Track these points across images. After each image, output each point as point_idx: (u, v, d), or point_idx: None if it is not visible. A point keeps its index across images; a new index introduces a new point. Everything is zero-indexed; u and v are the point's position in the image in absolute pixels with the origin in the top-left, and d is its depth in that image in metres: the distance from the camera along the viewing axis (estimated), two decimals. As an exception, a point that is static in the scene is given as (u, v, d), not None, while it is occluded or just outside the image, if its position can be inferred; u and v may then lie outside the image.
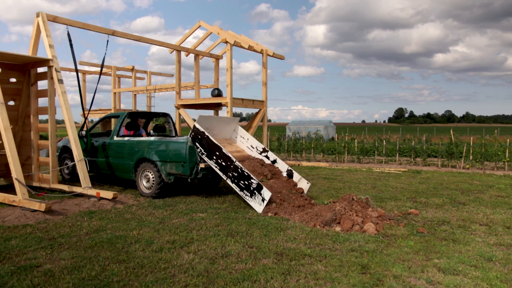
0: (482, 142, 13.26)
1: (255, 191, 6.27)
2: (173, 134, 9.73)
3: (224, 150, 6.75)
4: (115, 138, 8.37)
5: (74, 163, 7.69)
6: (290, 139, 18.01)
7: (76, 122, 11.56)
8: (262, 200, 6.18)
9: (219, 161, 6.81)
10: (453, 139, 13.75)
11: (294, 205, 6.32)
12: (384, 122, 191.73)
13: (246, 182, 6.43)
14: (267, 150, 7.98)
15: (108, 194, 6.85)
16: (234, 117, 10.34)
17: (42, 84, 8.11)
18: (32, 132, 7.95)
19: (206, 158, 7.00)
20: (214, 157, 6.89)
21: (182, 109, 12.41)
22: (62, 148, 9.29)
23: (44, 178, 8.05)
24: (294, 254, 4.24)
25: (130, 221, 5.66)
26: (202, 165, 7.02)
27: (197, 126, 7.14)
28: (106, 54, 8.98)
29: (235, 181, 6.59)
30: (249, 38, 13.03)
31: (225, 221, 5.63)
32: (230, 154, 6.70)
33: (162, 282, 3.50)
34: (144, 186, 7.64)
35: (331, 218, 5.35)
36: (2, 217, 5.74)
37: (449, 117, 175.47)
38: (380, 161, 15.22)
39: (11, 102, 8.17)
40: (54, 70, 7.58)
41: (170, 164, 7.18)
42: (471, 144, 13.48)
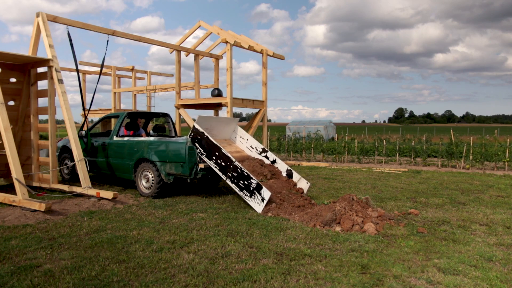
0: (482, 142, 13.25)
1: (255, 191, 6.27)
2: (172, 134, 9.73)
3: (223, 150, 6.75)
4: (115, 138, 8.37)
5: (74, 163, 7.69)
6: (290, 139, 18.00)
7: (76, 122, 11.56)
8: (262, 200, 6.18)
9: (219, 161, 6.81)
10: (453, 139, 13.75)
11: (294, 205, 6.31)
12: (384, 122, 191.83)
13: (245, 182, 6.43)
14: (267, 150, 7.98)
15: (108, 194, 6.86)
16: (234, 117, 10.35)
17: (42, 84, 8.13)
18: (32, 132, 7.95)
19: (205, 159, 7.00)
20: (213, 157, 6.89)
21: (182, 109, 12.41)
22: (62, 148, 9.29)
23: (44, 178, 8.05)
24: (294, 254, 4.24)
25: (130, 221, 5.66)
26: (201, 165, 7.02)
27: (196, 126, 7.14)
28: (106, 54, 9.00)
29: (235, 181, 6.59)
30: (249, 38, 13.03)
31: (225, 221, 5.64)
32: (229, 154, 6.70)
33: (162, 282, 3.50)
34: (143, 186, 7.65)
35: (331, 218, 5.35)
36: (2, 217, 5.74)
37: (449, 117, 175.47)
38: (380, 161, 15.22)
39: (11, 102, 8.17)
40: (54, 70, 7.58)
41: (169, 164, 7.18)
42: (471, 144, 13.48)
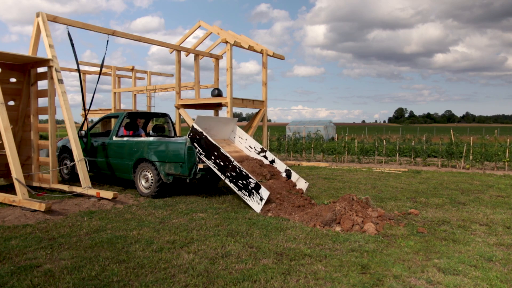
0: (482, 142, 13.25)
1: (253, 191, 6.28)
2: (172, 134, 9.73)
3: (222, 150, 6.75)
4: (114, 138, 8.38)
5: (74, 163, 7.69)
6: (290, 139, 18.01)
7: (76, 122, 11.56)
8: (261, 199, 6.18)
9: (218, 161, 6.82)
10: (453, 139, 13.75)
11: (294, 205, 6.31)
12: (384, 122, 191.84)
13: (244, 182, 6.43)
14: (265, 150, 7.99)
15: (108, 194, 6.86)
16: (233, 117, 10.35)
17: (42, 84, 8.13)
18: (32, 132, 7.95)
19: (204, 158, 7.00)
20: (212, 157, 6.89)
21: (182, 109, 12.41)
22: (61, 148, 9.29)
23: (44, 178, 8.05)
24: (294, 254, 4.24)
25: (130, 221, 5.66)
26: (200, 165, 7.02)
27: (195, 126, 7.14)
28: (106, 54, 9.00)
29: (234, 180, 6.59)
30: (249, 38, 13.03)
31: (225, 221, 5.63)
32: (228, 154, 6.71)
33: (162, 282, 3.50)
34: (142, 186, 7.66)
35: (331, 218, 5.35)
36: (2, 217, 5.74)
37: (449, 117, 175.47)
38: (380, 161, 15.22)
39: (11, 102, 8.17)
40: (54, 70, 7.58)
41: (169, 164, 7.18)
42: (471, 144, 13.48)
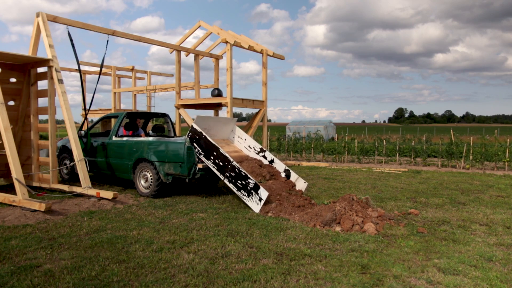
0: (482, 142, 13.25)
1: (252, 191, 6.28)
2: (171, 134, 9.74)
3: (221, 150, 6.76)
4: (114, 138, 8.38)
5: (74, 163, 7.69)
6: (290, 139, 18.00)
7: (76, 122, 11.56)
8: (259, 199, 6.18)
9: (217, 161, 6.82)
10: (453, 139, 13.75)
11: (294, 205, 6.31)
12: (384, 122, 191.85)
13: (243, 182, 6.43)
14: (265, 150, 8.00)
15: (108, 194, 6.86)
16: (232, 117, 10.34)
17: (42, 84, 8.13)
18: (32, 132, 7.95)
19: (203, 158, 7.01)
20: (211, 157, 6.90)
21: (182, 109, 12.41)
22: (61, 148, 9.29)
23: (44, 178, 8.05)
24: (294, 254, 4.24)
25: (130, 221, 5.66)
26: (200, 165, 7.03)
27: (194, 126, 7.15)
28: (106, 54, 9.01)
29: (233, 181, 6.60)
30: (249, 38, 13.03)
31: (225, 221, 5.63)
32: (227, 154, 6.71)
33: (162, 282, 3.50)
34: (142, 186, 7.66)
35: (331, 218, 5.35)
36: (2, 217, 5.74)
37: (449, 117, 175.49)
38: (380, 161, 15.22)
39: (11, 102, 8.17)
40: (54, 70, 7.58)
41: (168, 164, 7.19)
42: (471, 144, 13.48)
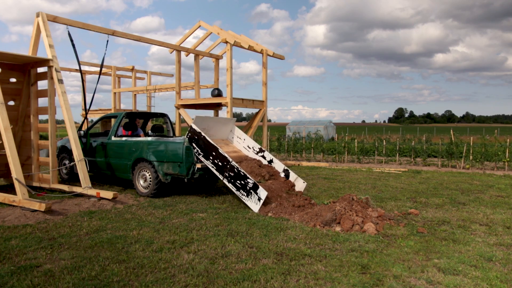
0: (482, 142, 13.25)
1: (251, 191, 6.29)
2: (170, 134, 9.74)
3: (220, 150, 6.76)
4: (113, 138, 8.39)
5: (73, 163, 7.69)
6: (290, 139, 18.00)
7: (76, 122, 11.56)
8: (258, 199, 6.19)
9: (216, 161, 6.82)
10: (453, 139, 13.75)
11: (294, 205, 6.31)
12: (384, 122, 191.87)
13: (242, 182, 6.44)
14: (264, 150, 8.00)
15: (108, 194, 6.86)
16: (232, 117, 10.35)
17: (42, 84, 8.13)
18: (32, 132, 7.95)
19: (202, 158, 7.01)
20: (210, 157, 6.90)
21: (182, 109, 12.41)
22: (60, 148, 9.29)
23: (44, 178, 8.05)
24: (294, 254, 4.24)
25: (130, 221, 5.66)
26: (198, 165, 7.04)
27: (193, 126, 7.15)
28: (106, 54, 9.02)
29: (232, 181, 6.60)
30: (249, 38, 13.03)
31: (225, 221, 5.64)
32: (226, 154, 6.72)
33: (162, 282, 3.50)
34: (141, 185, 7.67)
35: (331, 218, 5.35)
36: (2, 217, 5.74)
37: (449, 117, 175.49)
38: (380, 161, 15.22)
39: (11, 102, 8.17)
40: (54, 70, 7.58)
41: (167, 164, 7.20)
42: (471, 144, 13.47)
